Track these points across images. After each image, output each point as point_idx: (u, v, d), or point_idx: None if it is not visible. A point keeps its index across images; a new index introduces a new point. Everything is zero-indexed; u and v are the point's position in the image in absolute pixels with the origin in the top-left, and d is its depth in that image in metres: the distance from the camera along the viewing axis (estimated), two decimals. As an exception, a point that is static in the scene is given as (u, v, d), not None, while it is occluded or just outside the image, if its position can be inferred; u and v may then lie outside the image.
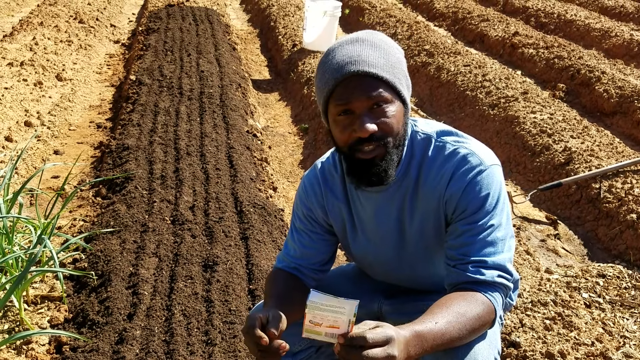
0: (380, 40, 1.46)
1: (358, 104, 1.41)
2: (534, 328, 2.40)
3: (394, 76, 1.42)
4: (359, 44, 1.44)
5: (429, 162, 1.50)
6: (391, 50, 1.46)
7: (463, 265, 1.44)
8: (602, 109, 5.26)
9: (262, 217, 3.23)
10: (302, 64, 6.19)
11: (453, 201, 1.47)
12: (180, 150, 3.96)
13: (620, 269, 2.99)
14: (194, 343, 2.27)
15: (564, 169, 4.02)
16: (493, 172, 1.47)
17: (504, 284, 1.44)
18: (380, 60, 1.41)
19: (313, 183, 1.67)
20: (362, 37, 1.46)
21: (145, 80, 5.22)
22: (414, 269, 1.67)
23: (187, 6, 8.15)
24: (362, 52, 1.41)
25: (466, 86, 5.39)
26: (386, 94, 1.41)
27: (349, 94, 1.40)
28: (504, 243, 1.45)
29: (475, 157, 1.46)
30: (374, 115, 1.41)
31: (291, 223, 1.75)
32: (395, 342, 1.22)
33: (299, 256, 1.69)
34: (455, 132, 1.55)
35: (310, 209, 1.67)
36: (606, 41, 7.12)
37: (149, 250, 2.87)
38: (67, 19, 7.35)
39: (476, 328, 1.40)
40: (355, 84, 1.40)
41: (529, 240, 3.46)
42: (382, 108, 1.41)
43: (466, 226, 1.45)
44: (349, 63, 1.40)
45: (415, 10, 9.59)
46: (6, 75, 5.16)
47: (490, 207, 1.44)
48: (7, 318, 2.54)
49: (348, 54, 1.42)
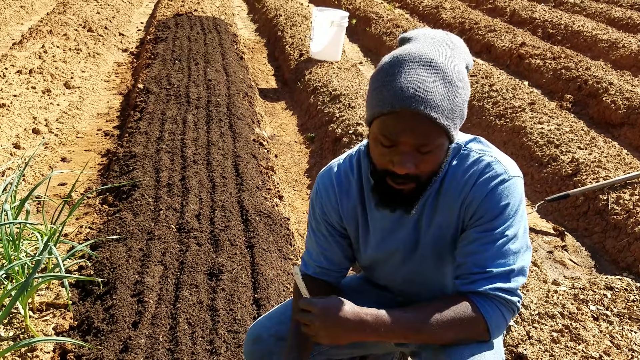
0: (455, 71, 1.32)
1: (405, 141, 1.32)
2: (541, 340, 2.38)
3: (452, 121, 1.32)
4: (433, 73, 1.29)
5: (453, 169, 1.48)
6: (461, 86, 1.32)
7: (466, 275, 1.44)
8: (610, 120, 5.24)
9: (268, 225, 3.23)
10: (309, 74, 6.21)
11: (473, 207, 1.45)
12: (187, 158, 3.97)
13: (629, 281, 2.97)
14: (199, 352, 2.26)
15: (571, 180, 4.00)
16: (516, 184, 1.44)
17: (503, 297, 1.41)
18: (445, 102, 1.29)
19: (327, 188, 1.65)
20: (437, 62, 1.30)
21: (153, 89, 5.25)
22: (424, 278, 1.66)
23: (195, 15, 8.20)
24: (431, 87, 1.28)
25: (473, 96, 5.39)
26: (438, 139, 1.32)
27: (400, 130, 1.31)
28: (517, 256, 1.42)
29: (499, 166, 1.45)
30: (417, 156, 1.34)
31: (308, 224, 1.75)
32: (334, 300, 1.42)
33: (321, 259, 1.71)
34: (481, 140, 1.53)
35: (325, 212, 1.67)
36: (614, 52, 7.11)
37: (155, 258, 2.87)
38: (76, 27, 7.41)
39: (453, 329, 1.40)
40: (410, 123, 1.29)
41: (536, 252, 3.44)
42: (428, 153, 1.34)
43: (480, 233, 1.43)
44: (412, 97, 1.27)
45: (422, 20, 9.62)
46: (15, 83, 5.20)
47: (508, 217, 1.42)
48: (12, 325, 2.55)
49: (416, 82, 1.28)
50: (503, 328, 1.46)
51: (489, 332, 1.43)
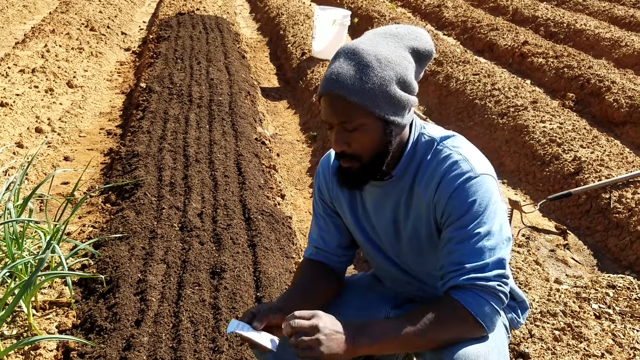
0: (375, 55, 1.42)
1: (332, 121, 1.46)
2: (543, 339, 2.38)
3: (368, 99, 1.41)
4: (349, 59, 1.43)
5: (426, 164, 1.52)
6: (379, 67, 1.42)
7: (447, 274, 1.45)
8: (612, 118, 5.24)
9: (270, 224, 3.23)
10: (311, 73, 6.22)
11: (441, 205, 1.47)
12: (189, 157, 3.98)
13: (631, 279, 2.96)
14: (201, 350, 2.27)
15: (573, 179, 4.00)
16: (483, 181, 1.45)
17: (479, 284, 1.40)
18: (355, 82, 1.40)
19: (325, 169, 1.75)
20: (358, 49, 1.44)
21: (156, 88, 5.26)
22: (412, 268, 1.68)
23: (197, 15, 8.21)
24: (343, 71, 1.42)
25: (475, 95, 5.39)
26: (358, 117, 1.42)
27: (325, 112, 1.47)
28: (493, 252, 1.42)
29: (466, 164, 1.46)
30: (346, 135, 1.45)
31: (313, 208, 1.83)
32: (321, 317, 1.36)
33: (319, 240, 1.78)
34: (459, 138, 1.55)
35: (322, 192, 1.75)
36: (616, 51, 7.10)
37: (157, 256, 2.88)
38: (78, 26, 7.42)
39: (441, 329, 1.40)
40: (330, 103, 1.44)
41: (538, 250, 3.44)
42: (354, 131, 1.44)
43: (453, 232, 1.45)
44: (328, 80, 1.43)
45: (424, 19, 9.61)
46: (18, 82, 5.21)
47: (477, 214, 1.42)
48: (16, 323, 2.56)
49: (333, 69, 1.43)
50: (493, 316, 1.44)
51: (479, 322, 1.42)
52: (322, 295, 1.72)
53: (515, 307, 1.78)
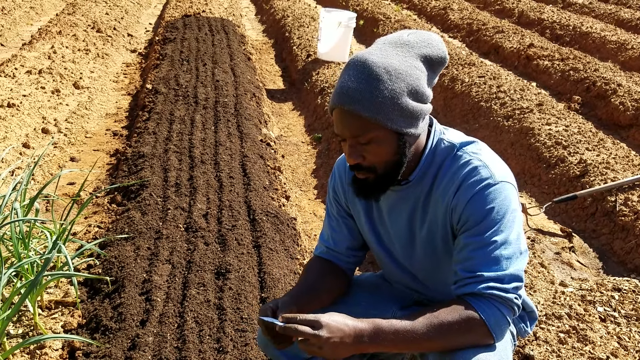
0: (385, 67, 1.40)
1: (345, 134, 1.46)
2: (548, 341, 2.38)
3: (380, 112, 1.39)
4: (359, 72, 1.41)
5: (445, 169, 1.51)
6: (389, 80, 1.39)
7: (462, 280, 1.44)
8: (618, 121, 5.22)
9: (275, 225, 3.24)
10: (316, 74, 6.22)
11: (458, 211, 1.46)
12: (195, 158, 3.99)
13: (636, 282, 2.95)
14: (206, 350, 2.28)
15: (579, 182, 3.98)
16: (502, 188, 1.44)
17: (497, 295, 1.40)
18: (366, 96, 1.39)
19: (340, 169, 1.75)
20: (368, 61, 1.41)
21: (161, 89, 5.28)
22: (423, 275, 1.67)
23: (203, 16, 8.23)
24: (353, 85, 1.40)
25: (481, 97, 5.38)
26: (370, 130, 1.41)
27: (338, 125, 1.46)
28: (510, 262, 1.41)
29: (486, 170, 1.45)
30: (360, 148, 1.45)
31: (326, 208, 1.84)
32: (324, 326, 1.35)
33: (330, 240, 1.78)
34: (479, 144, 1.54)
35: (337, 193, 1.76)
36: (622, 54, 7.08)
37: (163, 257, 2.88)
38: (85, 28, 7.46)
39: (451, 333, 1.39)
40: (342, 117, 1.44)
41: (543, 253, 3.43)
42: (368, 144, 1.44)
43: (469, 239, 1.44)
44: (338, 96, 1.42)
45: (429, 21, 9.61)
46: (25, 83, 5.24)
47: (494, 222, 1.41)
48: (22, 322, 2.57)
49: (343, 82, 1.42)
50: (504, 327, 1.44)
51: (491, 332, 1.42)
52: (329, 294, 1.72)
53: (525, 317, 1.77)
